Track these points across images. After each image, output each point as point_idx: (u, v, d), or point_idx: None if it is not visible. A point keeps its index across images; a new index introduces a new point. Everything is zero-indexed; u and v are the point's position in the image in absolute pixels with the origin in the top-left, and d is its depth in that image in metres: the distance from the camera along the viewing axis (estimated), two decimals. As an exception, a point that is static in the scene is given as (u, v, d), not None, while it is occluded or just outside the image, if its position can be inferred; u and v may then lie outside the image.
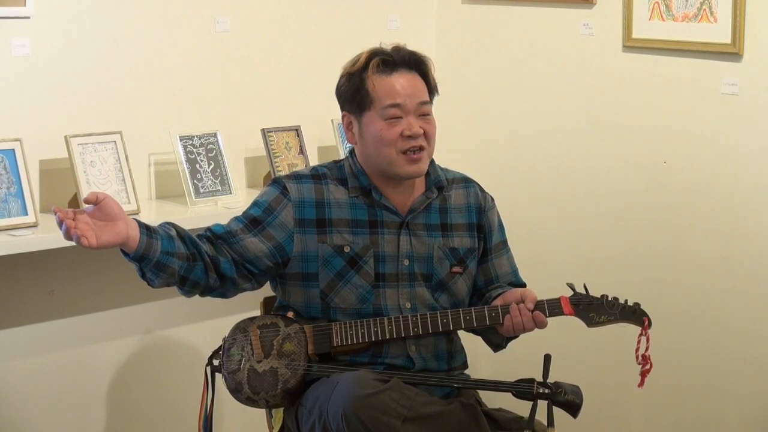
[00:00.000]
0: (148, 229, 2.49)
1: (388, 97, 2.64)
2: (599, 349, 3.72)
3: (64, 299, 3.36)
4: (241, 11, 3.66)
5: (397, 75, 2.66)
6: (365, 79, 2.65)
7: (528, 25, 3.93)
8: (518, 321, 2.62)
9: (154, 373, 3.60)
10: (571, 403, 2.59)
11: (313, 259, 2.67)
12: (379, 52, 2.68)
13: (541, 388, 2.59)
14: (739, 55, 3.34)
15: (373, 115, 2.65)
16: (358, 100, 2.67)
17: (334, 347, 2.64)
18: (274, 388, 2.61)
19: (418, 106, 2.65)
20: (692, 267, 3.56)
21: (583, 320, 2.68)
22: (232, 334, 2.66)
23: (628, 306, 2.69)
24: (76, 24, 3.29)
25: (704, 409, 3.58)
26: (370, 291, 2.67)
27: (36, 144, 3.20)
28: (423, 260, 2.72)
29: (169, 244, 2.52)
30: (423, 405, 2.47)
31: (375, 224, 2.70)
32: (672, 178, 3.58)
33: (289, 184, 2.70)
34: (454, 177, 2.83)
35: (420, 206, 2.73)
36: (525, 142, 3.98)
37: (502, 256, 2.83)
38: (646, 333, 2.66)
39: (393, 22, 4.04)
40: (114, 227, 2.41)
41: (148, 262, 2.48)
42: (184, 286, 2.59)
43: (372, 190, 2.70)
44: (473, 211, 2.80)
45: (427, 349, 2.71)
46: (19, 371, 3.31)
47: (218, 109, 3.62)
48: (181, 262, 2.53)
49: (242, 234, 2.64)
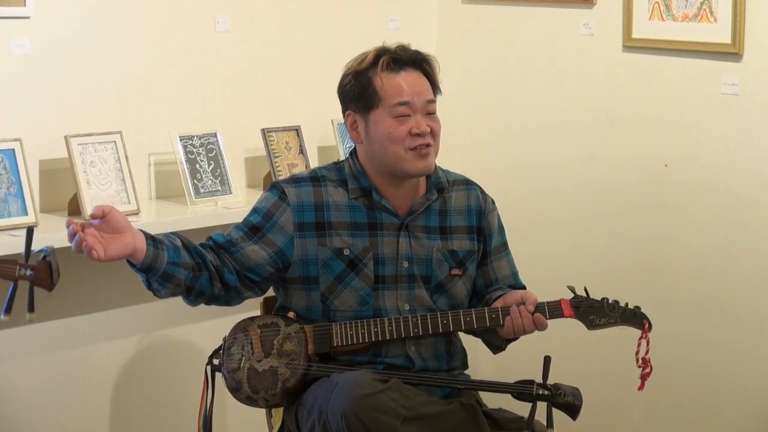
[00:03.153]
0: (154, 240, 2.51)
1: (396, 95, 2.64)
2: (599, 352, 3.72)
3: (64, 299, 3.36)
4: (241, 11, 3.65)
5: (404, 73, 2.67)
6: (373, 77, 2.65)
7: (528, 25, 3.93)
8: (518, 323, 2.62)
9: (154, 373, 3.60)
10: (571, 405, 2.59)
11: (313, 263, 2.67)
12: (386, 51, 2.69)
13: (541, 390, 2.58)
14: (739, 55, 3.34)
15: (381, 113, 2.65)
16: (366, 98, 2.66)
17: (335, 347, 2.64)
18: (274, 388, 2.61)
19: (425, 104, 2.67)
20: (693, 267, 3.56)
21: (583, 323, 2.68)
22: (232, 333, 2.67)
23: (629, 309, 2.69)
24: (76, 24, 3.29)
25: (705, 409, 3.58)
26: (370, 293, 2.68)
27: (36, 144, 3.20)
28: (422, 262, 2.72)
29: (175, 254, 2.53)
30: (422, 405, 2.48)
31: (374, 226, 2.70)
32: (672, 178, 3.58)
33: (288, 188, 2.69)
34: (455, 179, 2.83)
35: (420, 208, 2.73)
36: (525, 142, 3.98)
37: (502, 259, 2.83)
38: (646, 336, 2.66)
39: (393, 22, 4.04)
40: (121, 239, 2.43)
41: (155, 273, 2.50)
42: (189, 296, 2.61)
43: (372, 191, 2.70)
44: (473, 213, 2.80)
45: (426, 350, 2.71)
46: (19, 371, 3.31)
47: (218, 109, 3.62)
48: (186, 272, 2.55)
49: (242, 242, 2.65)
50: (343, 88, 2.71)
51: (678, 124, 3.55)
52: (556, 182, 3.91)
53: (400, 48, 2.70)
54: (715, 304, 3.52)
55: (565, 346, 3.49)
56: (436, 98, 2.72)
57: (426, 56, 2.72)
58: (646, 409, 3.73)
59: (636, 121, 3.66)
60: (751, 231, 3.41)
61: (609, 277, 3.68)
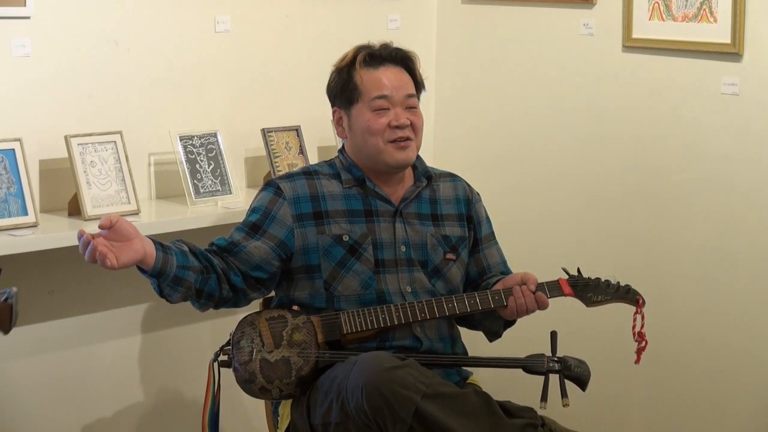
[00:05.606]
0: (162, 246, 2.56)
1: (375, 89, 2.74)
2: (596, 332, 3.71)
3: (64, 299, 3.36)
4: (241, 11, 3.65)
5: (383, 69, 2.76)
6: (353, 73, 2.76)
7: (528, 25, 3.93)
8: (521, 302, 2.69)
9: (154, 373, 3.60)
10: (581, 376, 2.68)
11: (314, 251, 2.72)
12: (365, 48, 2.79)
13: (552, 363, 2.67)
14: (739, 55, 3.34)
15: (361, 107, 2.74)
16: (347, 94, 2.76)
17: (345, 335, 2.67)
18: (288, 376, 2.63)
19: (404, 98, 2.75)
20: (691, 266, 3.56)
21: (582, 300, 2.79)
22: (239, 327, 2.68)
23: (622, 287, 2.81)
24: (76, 24, 3.29)
25: (706, 408, 3.58)
26: (372, 277, 2.73)
27: (36, 144, 3.20)
28: (418, 247, 2.79)
29: (184, 258, 2.58)
30: (440, 385, 2.51)
31: (370, 213, 2.77)
32: (672, 178, 3.58)
33: (282, 183, 2.77)
34: (440, 173, 2.93)
35: (411, 195, 2.81)
36: (525, 142, 3.98)
37: (492, 247, 2.92)
38: (640, 311, 2.77)
39: (393, 22, 4.04)
40: (131, 246, 2.48)
41: (166, 277, 2.55)
42: (200, 299, 2.65)
43: (366, 180, 2.78)
44: (462, 202, 2.89)
45: (431, 331, 2.76)
46: (19, 371, 3.31)
47: (218, 109, 3.62)
48: (196, 275, 2.59)
49: (245, 241, 2.71)
50: (329, 85, 2.83)
51: (678, 124, 3.55)
52: (555, 181, 3.90)
53: (381, 45, 2.79)
54: (714, 303, 3.52)
55: (563, 330, 3.49)
56: (419, 94, 2.81)
57: (406, 53, 2.81)
58: (645, 408, 3.73)
59: (636, 121, 3.66)
60: (750, 230, 3.41)
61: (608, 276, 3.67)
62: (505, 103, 4.03)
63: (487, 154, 4.08)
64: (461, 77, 4.12)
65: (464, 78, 4.12)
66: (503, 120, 4.04)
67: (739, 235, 3.44)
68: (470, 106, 4.12)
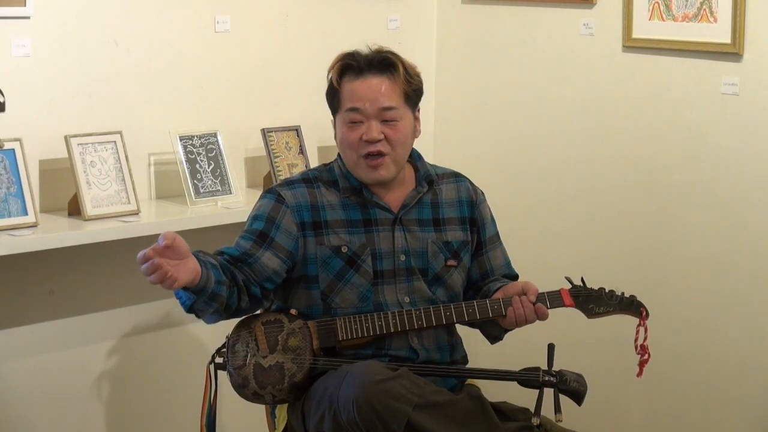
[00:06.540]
0: (201, 261, 2.48)
1: (349, 100, 2.67)
2: (597, 343, 3.71)
3: (64, 299, 3.36)
4: (241, 11, 3.65)
5: (362, 79, 2.67)
6: (335, 82, 2.69)
7: (528, 25, 3.93)
8: (521, 313, 2.65)
9: (154, 373, 3.60)
10: (576, 391, 2.63)
11: (312, 262, 2.68)
12: (347, 56, 2.69)
13: (547, 377, 2.62)
14: (739, 55, 3.34)
15: (339, 118, 2.71)
16: (332, 102, 2.72)
17: (340, 341, 2.64)
18: (281, 383, 2.61)
19: (379, 111, 2.65)
20: (692, 267, 3.56)
21: (583, 311, 2.73)
22: (236, 331, 2.67)
23: (626, 298, 2.74)
24: (76, 24, 3.29)
25: (704, 412, 3.58)
26: (370, 289, 2.69)
27: (36, 144, 3.20)
28: (418, 255, 2.74)
29: (217, 273, 2.52)
30: (433, 393, 2.49)
31: (369, 222, 2.71)
32: (672, 178, 3.58)
33: (283, 191, 2.71)
34: (443, 173, 2.86)
35: (412, 201, 2.75)
36: (525, 142, 3.98)
37: (496, 249, 2.86)
38: (644, 324, 2.71)
39: (393, 22, 4.04)
40: (187, 264, 2.40)
41: (204, 294, 2.48)
42: (226, 312, 2.59)
43: (363, 189, 2.72)
44: (465, 204, 2.82)
45: (429, 341, 2.72)
46: (19, 371, 3.31)
47: (218, 109, 3.62)
48: (226, 290, 2.54)
49: (255, 251, 2.64)
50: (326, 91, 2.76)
51: (678, 124, 3.55)
52: (555, 182, 3.90)
53: (371, 52, 2.68)
54: (714, 305, 3.51)
55: (563, 337, 3.48)
56: (411, 102, 2.70)
57: (390, 60, 2.68)
58: (647, 400, 3.73)
59: (636, 121, 3.66)
60: (751, 231, 3.41)
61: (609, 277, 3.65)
62: (505, 103, 4.02)
63: (487, 154, 4.08)
64: (461, 77, 4.12)
65: (464, 78, 4.12)
66: (503, 120, 4.04)
67: (740, 235, 3.44)
68: (470, 106, 4.12)
